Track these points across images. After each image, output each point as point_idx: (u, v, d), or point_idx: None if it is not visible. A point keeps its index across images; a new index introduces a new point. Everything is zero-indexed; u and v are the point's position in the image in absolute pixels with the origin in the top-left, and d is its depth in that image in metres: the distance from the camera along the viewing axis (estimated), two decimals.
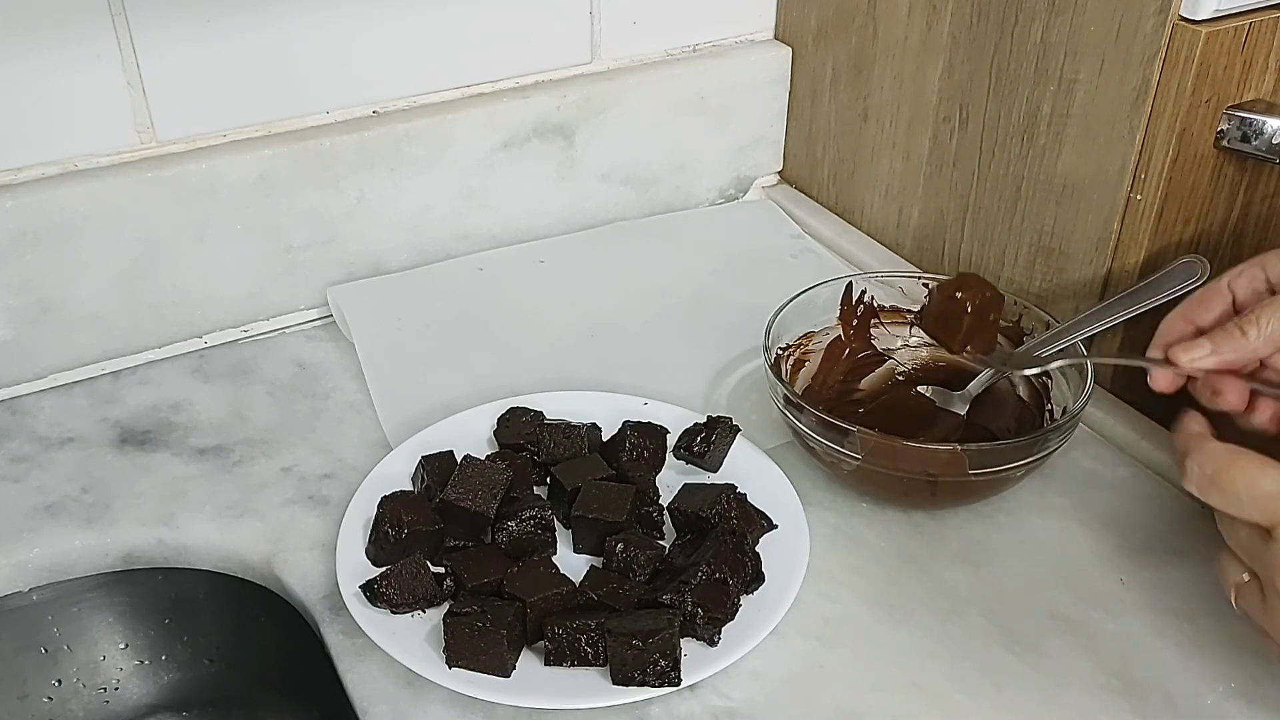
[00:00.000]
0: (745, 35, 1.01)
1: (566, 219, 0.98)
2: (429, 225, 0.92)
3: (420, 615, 0.63)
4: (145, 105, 0.80)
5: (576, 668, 0.60)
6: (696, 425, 0.74)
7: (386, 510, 0.66)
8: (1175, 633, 0.64)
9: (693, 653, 0.60)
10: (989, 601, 0.66)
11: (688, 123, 0.99)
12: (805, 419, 0.70)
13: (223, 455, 0.76)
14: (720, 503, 0.66)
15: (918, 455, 0.67)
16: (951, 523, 0.71)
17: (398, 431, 0.76)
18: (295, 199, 0.85)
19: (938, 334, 0.76)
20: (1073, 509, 0.71)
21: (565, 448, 0.72)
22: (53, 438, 0.78)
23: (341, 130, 0.86)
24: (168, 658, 0.76)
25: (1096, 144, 0.75)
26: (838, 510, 0.72)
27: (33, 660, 0.73)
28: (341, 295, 0.88)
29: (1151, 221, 0.74)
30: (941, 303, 0.75)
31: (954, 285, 0.74)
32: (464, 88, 0.91)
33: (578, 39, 0.94)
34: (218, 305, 0.86)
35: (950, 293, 0.74)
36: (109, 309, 0.82)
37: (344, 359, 0.85)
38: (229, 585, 0.71)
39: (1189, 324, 0.64)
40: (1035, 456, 0.68)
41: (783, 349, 0.77)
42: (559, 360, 0.84)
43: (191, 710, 0.77)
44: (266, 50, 0.82)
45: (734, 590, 0.62)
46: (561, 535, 0.69)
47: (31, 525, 0.71)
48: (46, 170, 0.79)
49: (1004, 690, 0.61)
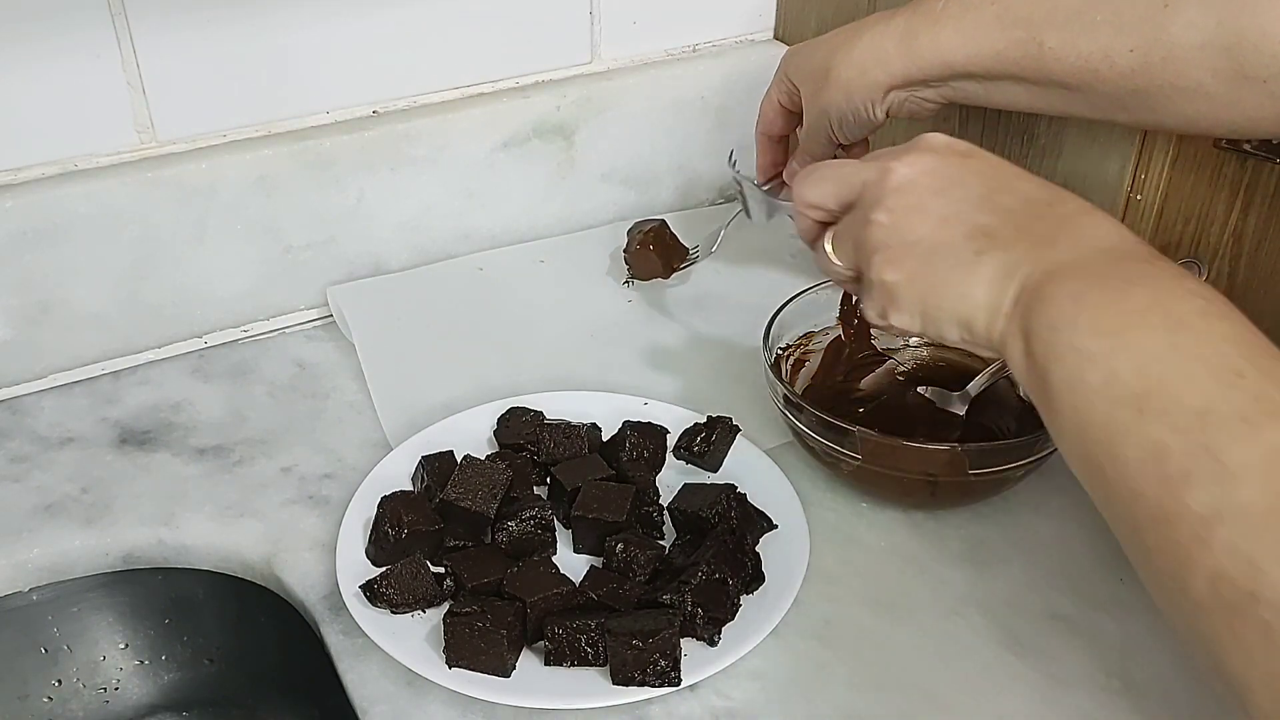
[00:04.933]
0: (745, 35, 1.01)
1: (566, 219, 0.98)
2: (429, 225, 0.92)
3: (420, 615, 0.63)
4: (145, 105, 0.80)
5: (576, 668, 0.60)
6: (696, 425, 0.74)
7: (386, 510, 0.66)
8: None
9: (693, 653, 0.60)
10: (989, 601, 0.66)
11: (688, 123, 0.99)
12: (805, 419, 0.70)
13: (223, 455, 0.76)
14: (720, 503, 0.66)
15: (918, 455, 0.67)
16: (951, 523, 0.71)
17: (398, 431, 0.76)
18: (295, 199, 0.85)
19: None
20: (1073, 509, 0.71)
21: (565, 448, 0.72)
22: (53, 438, 0.78)
23: (341, 130, 0.86)
24: (168, 658, 0.76)
25: (1096, 144, 0.75)
26: (838, 510, 0.72)
27: (33, 660, 0.73)
28: (341, 295, 0.88)
29: (1151, 221, 0.73)
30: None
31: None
32: (464, 88, 0.91)
33: (578, 39, 0.94)
34: (218, 305, 0.86)
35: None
36: (109, 309, 0.82)
37: (344, 359, 0.85)
38: (229, 585, 0.71)
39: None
40: (1035, 456, 0.68)
41: (783, 349, 0.77)
42: (559, 360, 0.84)
43: (191, 710, 0.77)
44: (266, 50, 0.82)
45: (734, 590, 0.62)
46: (561, 535, 0.69)
47: (31, 525, 0.71)
48: (46, 170, 0.79)
49: (1004, 690, 0.61)
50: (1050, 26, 0.65)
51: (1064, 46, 0.65)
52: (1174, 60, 0.62)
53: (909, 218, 0.54)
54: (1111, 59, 0.63)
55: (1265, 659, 0.39)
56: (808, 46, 0.78)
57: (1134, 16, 0.62)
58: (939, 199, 0.54)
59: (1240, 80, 0.60)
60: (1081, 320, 0.47)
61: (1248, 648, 0.40)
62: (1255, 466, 0.41)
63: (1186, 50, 0.61)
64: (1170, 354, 0.44)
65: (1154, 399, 0.43)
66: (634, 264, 0.91)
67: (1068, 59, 0.65)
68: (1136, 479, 0.44)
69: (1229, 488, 0.41)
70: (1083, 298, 0.47)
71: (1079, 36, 0.64)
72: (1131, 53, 0.63)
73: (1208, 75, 0.61)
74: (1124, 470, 0.44)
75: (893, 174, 0.55)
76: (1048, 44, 0.65)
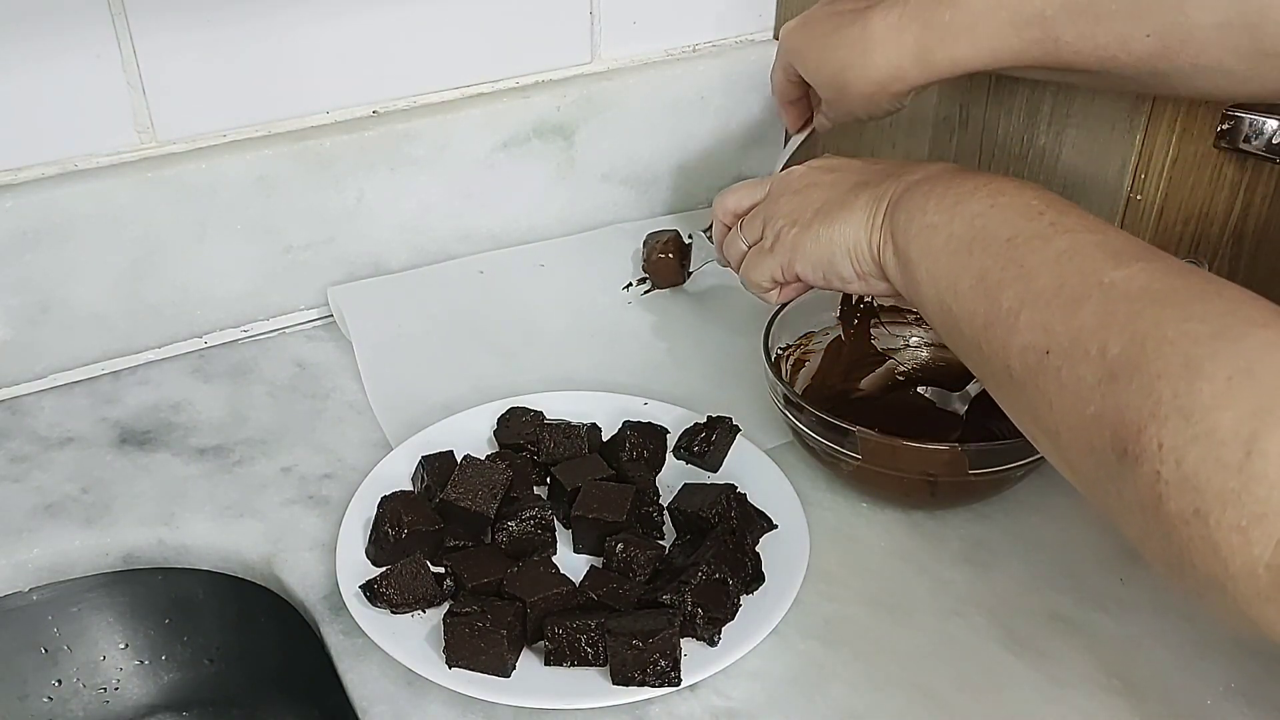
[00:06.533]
0: (745, 35, 1.01)
1: (566, 219, 0.98)
2: (429, 225, 0.92)
3: (420, 615, 0.63)
4: (145, 105, 0.80)
5: (576, 668, 0.60)
6: (696, 425, 0.74)
7: (386, 510, 0.66)
8: (1175, 633, 0.64)
9: (693, 653, 0.60)
10: (989, 601, 0.66)
11: (688, 123, 0.99)
12: (805, 419, 0.70)
13: (223, 455, 0.76)
14: (720, 503, 0.66)
15: (918, 455, 0.67)
16: (951, 523, 0.71)
17: (398, 431, 0.76)
18: (295, 199, 0.85)
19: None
20: (1073, 509, 0.71)
21: (565, 448, 0.72)
22: (53, 438, 0.78)
23: (341, 130, 0.86)
24: (168, 658, 0.76)
25: (1096, 144, 0.75)
26: (838, 510, 0.72)
27: (33, 660, 0.73)
28: (342, 295, 0.88)
29: (1151, 221, 0.73)
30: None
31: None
32: (464, 88, 0.91)
33: (578, 39, 0.94)
34: (218, 305, 0.86)
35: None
36: (109, 309, 0.82)
37: (344, 359, 0.85)
38: (229, 585, 0.71)
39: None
40: (1035, 456, 0.67)
41: (783, 349, 0.77)
42: (559, 360, 0.84)
43: (191, 710, 0.77)
44: (266, 50, 0.82)
45: (734, 590, 0.62)
46: (561, 535, 0.69)
47: (31, 525, 0.71)
48: (46, 170, 0.79)
49: (1004, 690, 0.61)
50: (1065, 21, 0.65)
51: (1081, 40, 0.65)
52: (1193, 41, 0.62)
53: (807, 192, 0.68)
54: (1129, 46, 0.63)
55: (1060, 399, 0.49)
56: (813, 45, 0.75)
57: (1150, 1, 0.62)
58: (829, 176, 0.68)
59: (1261, 56, 0.60)
60: (930, 204, 0.59)
61: (1049, 396, 0.50)
62: (1048, 263, 0.52)
63: (1206, 30, 0.61)
64: (991, 210, 0.56)
65: (979, 240, 0.56)
66: (653, 272, 0.92)
67: (1085, 50, 0.65)
68: (970, 300, 0.55)
69: (1028, 283, 0.52)
70: (930, 191, 0.60)
71: (1095, 27, 0.64)
72: (1149, 38, 0.63)
73: (1228, 53, 0.61)
74: (962, 300, 0.56)
75: (794, 172, 0.70)
76: (1064, 38, 0.65)
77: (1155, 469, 0.44)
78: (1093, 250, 0.51)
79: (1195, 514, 0.42)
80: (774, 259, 0.68)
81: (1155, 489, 0.44)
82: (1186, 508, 0.43)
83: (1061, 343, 0.49)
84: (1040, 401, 0.51)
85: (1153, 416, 0.44)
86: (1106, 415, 0.46)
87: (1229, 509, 0.41)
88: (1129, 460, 0.45)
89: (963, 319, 0.56)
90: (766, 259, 0.69)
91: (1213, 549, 0.42)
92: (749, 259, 0.71)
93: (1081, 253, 0.52)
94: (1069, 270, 0.51)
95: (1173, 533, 0.44)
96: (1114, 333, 0.47)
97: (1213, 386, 0.43)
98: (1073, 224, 0.54)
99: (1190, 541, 0.43)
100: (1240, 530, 0.41)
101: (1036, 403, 0.51)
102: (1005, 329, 0.53)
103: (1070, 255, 0.52)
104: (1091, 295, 0.49)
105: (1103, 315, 0.48)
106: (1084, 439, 0.48)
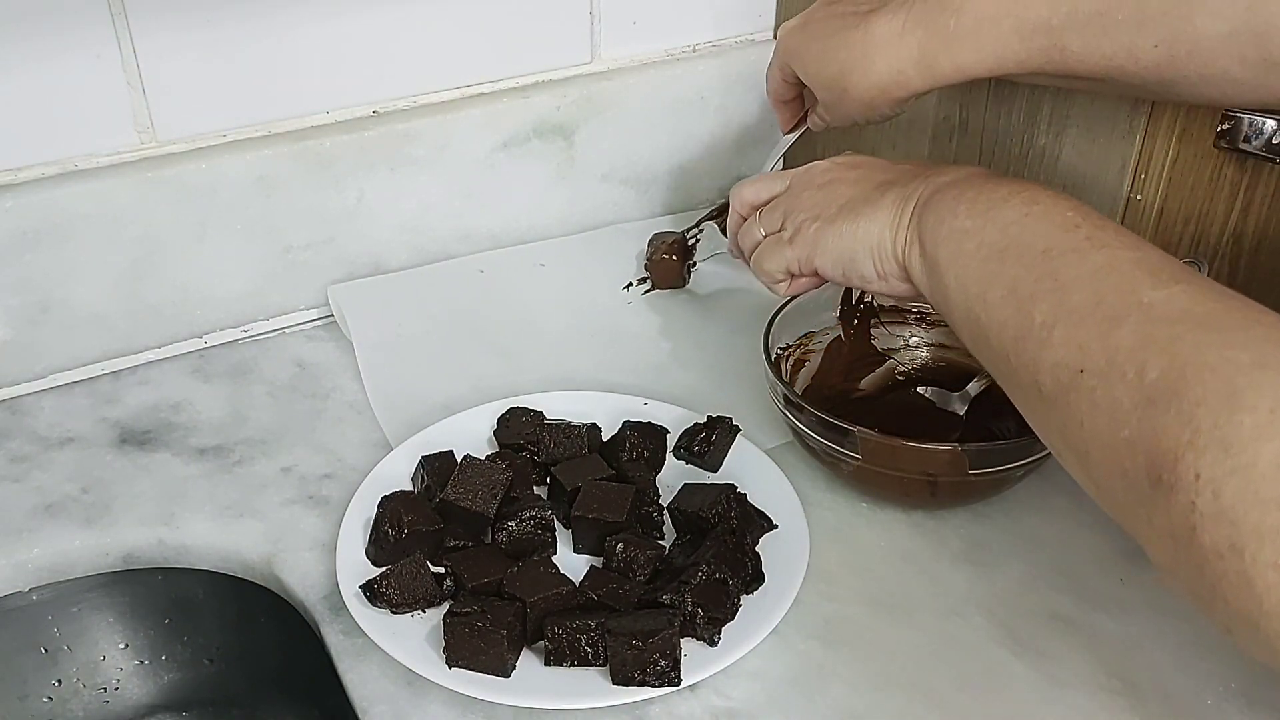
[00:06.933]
0: (745, 35, 1.01)
1: (566, 219, 0.98)
2: (429, 225, 0.92)
3: (420, 615, 0.63)
4: (145, 105, 0.80)
5: (576, 668, 0.60)
6: (696, 425, 0.74)
7: (386, 510, 0.66)
8: (1175, 633, 0.64)
9: (693, 653, 0.60)
10: (989, 601, 0.66)
11: (687, 123, 0.99)
12: (805, 419, 0.70)
13: (223, 455, 0.76)
14: (720, 503, 0.66)
15: (918, 455, 0.67)
16: (951, 523, 0.71)
17: (398, 431, 0.76)
18: (295, 199, 0.85)
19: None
20: (1073, 509, 0.71)
21: (565, 448, 0.72)
22: (53, 438, 0.78)
23: (341, 130, 0.86)
24: (168, 658, 0.76)
25: (1096, 144, 0.75)
26: (838, 510, 0.72)
27: (33, 660, 0.73)
28: (342, 295, 0.88)
29: (1151, 221, 0.73)
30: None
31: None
32: (464, 88, 0.91)
33: (578, 39, 0.94)
34: (218, 305, 0.86)
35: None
36: (109, 309, 0.82)
37: (344, 359, 0.85)
38: (229, 585, 0.71)
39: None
40: (1035, 456, 0.68)
41: (783, 349, 0.77)
42: (559, 360, 0.84)
43: (191, 710, 0.77)
44: (266, 50, 0.82)
45: (734, 590, 0.62)
46: (561, 535, 0.69)
47: (31, 525, 0.71)
48: (46, 170, 0.79)
49: (1004, 690, 0.61)
50: (1070, 31, 0.64)
51: (1086, 49, 0.64)
52: (1200, 51, 0.61)
53: (831, 188, 0.67)
54: (1136, 56, 0.63)
55: (1092, 419, 0.48)
56: (813, 47, 0.75)
57: (1156, 11, 0.62)
58: (853, 173, 0.68)
59: (1268, 65, 0.60)
60: (960, 209, 0.58)
61: (1080, 415, 0.49)
62: (1084, 279, 0.51)
63: (1213, 40, 0.60)
64: (1025, 219, 0.56)
65: (1012, 249, 0.55)
66: (655, 273, 0.92)
67: (1091, 59, 0.65)
68: (1000, 311, 0.54)
69: (1063, 297, 0.51)
70: (961, 195, 0.59)
71: (1101, 38, 0.63)
72: (1156, 48, 0.62)
73: (1235, 62, 0.60)
74: (992, 310, 0.55)
75: (816, 167, 0.70)
76: (1070, 48, 0.65)
77: (1190, 499, 0.43)
78: (1130, 268, 0.50)
79: (1230, 548, 0.41)
80: (793, 251, 0.68)
81: (1189, 520, 0.43)
82: (1222, 541, 0.42)
83: (1097, 362, 0.48)
84: (1070, 420, 0.50)
85: (1190, 445, 0.43)
86: (1142, 440, 0.45)
87: (1266, 545, 0.40)
88: (1163, 488, 0.44)
89: (991, 329, 0.55)
90: (785, 249, 0.68)
91: (1247, 585, 0.41)
92: (764, 247, 0.70)
93: (1119, 270, 0.50)
94: (1106, 287, 0.50)
95: (1205, 565, 0.42)
96: (1153, 355, 0.46)
97: (1254, 419, 0.41)
98: (1109, 239, 0.53)
99: (1224, 576, 0.42)
100: (1277, 568, 0.40)
101: (1066, 421, 0.50)
102: (1037, 343, 0.52)
103: (1107, 272, 0.51)
104: (1130, 315, 0.48)
105: (1141, 336, 0.47)
106: (1115, 461, 0.47)
